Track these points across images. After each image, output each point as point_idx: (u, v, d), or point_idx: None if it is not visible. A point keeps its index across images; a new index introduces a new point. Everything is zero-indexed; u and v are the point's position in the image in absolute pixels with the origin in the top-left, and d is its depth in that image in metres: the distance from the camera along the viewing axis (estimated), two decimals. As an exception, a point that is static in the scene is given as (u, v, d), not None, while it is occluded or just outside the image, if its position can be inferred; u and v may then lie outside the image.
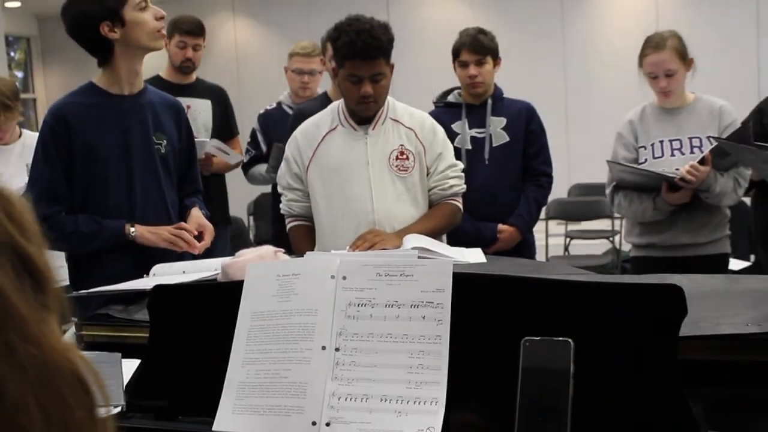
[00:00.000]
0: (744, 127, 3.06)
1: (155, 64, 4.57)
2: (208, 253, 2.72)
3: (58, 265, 1.92)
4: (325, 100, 3.66)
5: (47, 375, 0.65)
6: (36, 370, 0.64)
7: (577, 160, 8.53)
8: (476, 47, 3.54)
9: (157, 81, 4.31)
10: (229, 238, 4.50)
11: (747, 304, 1.66)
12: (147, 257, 2.60)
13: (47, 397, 0.64)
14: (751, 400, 1.43)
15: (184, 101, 4.24)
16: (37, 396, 0.63)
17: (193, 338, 1.53)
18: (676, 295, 1.26)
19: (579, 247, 6.88)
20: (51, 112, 2.72)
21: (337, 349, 1.36)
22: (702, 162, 3.11)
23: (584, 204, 6.55)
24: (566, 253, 6.76)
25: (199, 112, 4.30)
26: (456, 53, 3.59)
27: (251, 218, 7.00)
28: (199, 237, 2.75)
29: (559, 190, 6.72)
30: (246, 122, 4.52)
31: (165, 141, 2.82)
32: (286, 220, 2.97)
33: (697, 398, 1.33)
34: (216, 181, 4.37)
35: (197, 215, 2.84)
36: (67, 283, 2.72)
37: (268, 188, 4.60)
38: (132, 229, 2.67)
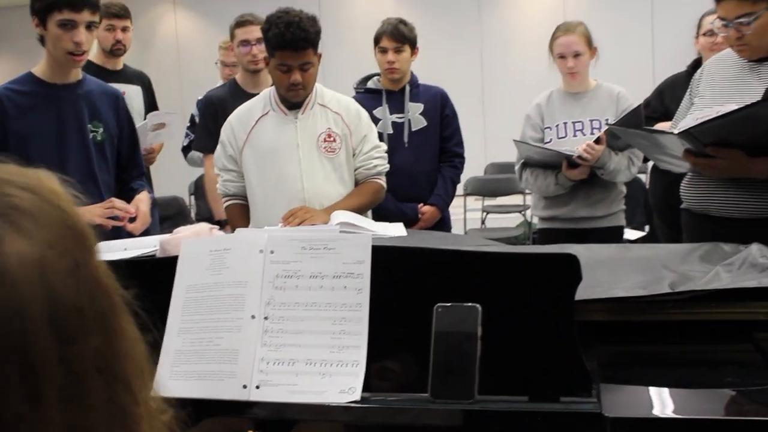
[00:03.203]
0: (636, 112, 3.12)
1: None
2: (145, 232, 2.67)
3: None
4: (233, 87, 3.63)
5: None
6: None
7: (492, 141, 8.63)
8: (395, 35, 3.52)
9: (89, 66, 4.09)
10: (158, 218, 4.35)
11: (637, 270, 1.70)
12: None
13: None
14: (639, 354, 1.48)
15: (119, 87, 4.09)
16: None
17: (132, 310, 1.50)
18: (572, 263, 1.29)
19: (495, 220, 6.95)
20: None
21: (266, 318, 1.36)
22: (597, 141, 3.16)
23: (499, 181, 6.62)
24: (483, 227, 6.82)
25: (133, 97, 4.09)
26: (377, 40, 3.57)
27: (192, 197, 6.89)
28: (132, 219, 2.66)
29: (476, 169, 6.78)
30: (189, 110, 4.40)
31: (102, 128, 2.75)
32: (223, 200, 2.95)
33: (592, 355, 1.37)
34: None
35: (139, 199, 2.75)
36: None
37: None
38: None
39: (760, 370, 1.32)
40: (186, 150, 4.37)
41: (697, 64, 3.67)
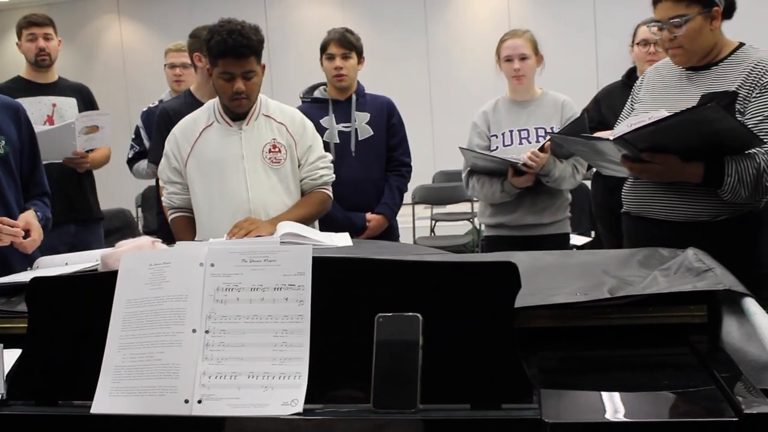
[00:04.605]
0: (579, 120, 3.17)
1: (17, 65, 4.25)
2: (86, 248, 2.61)
3: None
4: (189, 98, 3.59)
5: None
6: None
7: (440, 149, 8.69)
8: (343, 42, 3.55)
9: (18, 81, 3.99)
10: (102, 233, 4.24)
11: (578, 276, 1.72)
12: None
13: None
14: (580, 359, 1.50)
15: (49, 99, 3.93)
16: None
17: (72, 326, 1.48)
18: (511, 270, 1.30)
19: (444, 228, 6.98)
20: None
21: (206, 332, 1.35)
22: (542, 149, 3.20)
23: (448, 189, 6.64)
24: (432, 235, 6.85)
25: (66, 109, 3.99)
26: (324, 48, 3.59)
27: (139, 210, 6.80)
28: (27, 234, 2.49)
29: (424, 177, 6.81)
30: (135, 121, 4.34)
31: (3, 141, 2.61)
32: (168, 212, 2.92)
33: (534, 361, 1.38)
34: (89, 180, 4.08)
35: (27, 215, 2.57)
36: None
37: (153, 181, 4.45)
38: None
39: (696, 372, 1.35)
40: (131, 162, 4.30)
41: (631, 72, 3.75)
